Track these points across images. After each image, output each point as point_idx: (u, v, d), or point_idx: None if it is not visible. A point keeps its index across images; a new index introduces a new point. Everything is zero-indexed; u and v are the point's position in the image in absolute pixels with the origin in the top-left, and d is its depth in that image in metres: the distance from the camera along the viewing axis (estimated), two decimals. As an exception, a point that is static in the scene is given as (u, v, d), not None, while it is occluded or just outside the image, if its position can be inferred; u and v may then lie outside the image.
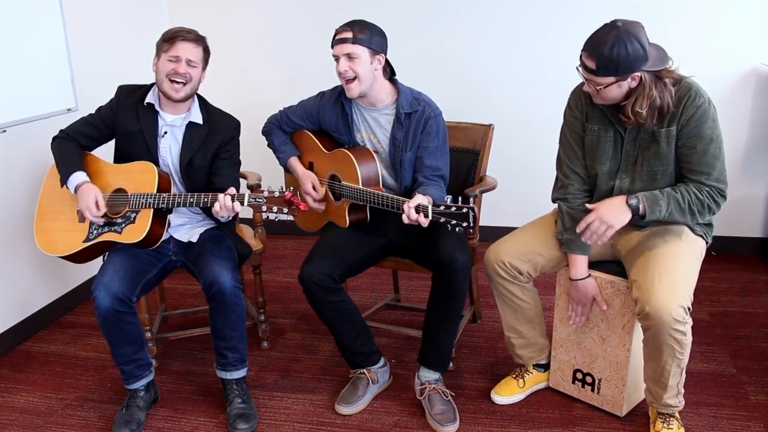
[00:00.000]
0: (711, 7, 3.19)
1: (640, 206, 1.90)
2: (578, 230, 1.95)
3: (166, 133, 2.25)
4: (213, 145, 2.27)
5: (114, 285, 2.05)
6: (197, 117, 2.27)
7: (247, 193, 2.06)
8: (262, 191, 2.05)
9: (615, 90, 1.85)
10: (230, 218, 2.18)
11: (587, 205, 1.99)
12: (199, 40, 2.19)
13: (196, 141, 2.25)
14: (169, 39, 2.15)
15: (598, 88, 1.85)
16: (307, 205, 2.24)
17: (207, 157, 2.27)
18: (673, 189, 1.93)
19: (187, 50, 2.15)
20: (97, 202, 2.13)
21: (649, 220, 1.92)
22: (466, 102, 3.45)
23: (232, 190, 2.06)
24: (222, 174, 2.27)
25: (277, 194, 2.03)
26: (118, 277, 2.08)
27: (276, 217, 2.05)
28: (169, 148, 2.26)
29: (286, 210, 2.04)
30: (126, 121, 2.24)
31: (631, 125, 1.93)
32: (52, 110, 2.79)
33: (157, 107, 2.24)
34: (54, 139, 2.28)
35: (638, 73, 1.82)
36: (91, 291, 2.07)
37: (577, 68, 1.91)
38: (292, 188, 2.12)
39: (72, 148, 2.24)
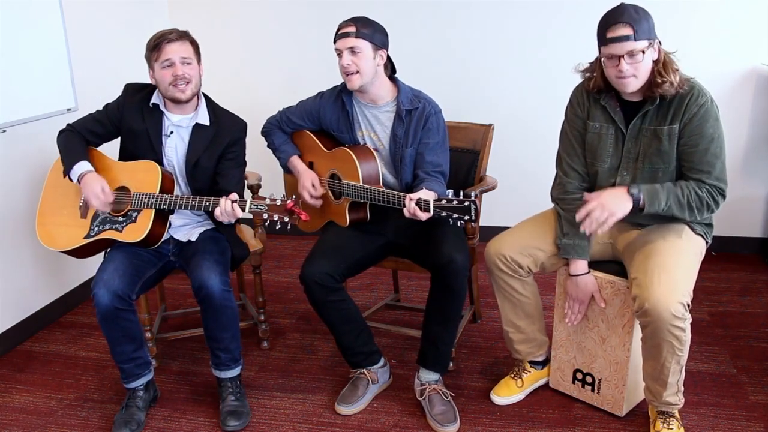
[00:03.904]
0: (711, 7, 3.19)
1: (641, 196, 1.88)
2: (578, 218, 1.91)
3: (172, 132, 2.25)
4: (219, 146, 2.27)
5: (114, 282, 2.05)
6: (204, 118, 2.26)
7: (249, 199, 2.06)
8: (264, 198, 2.05)
9: (648, 59, 1.85)
10: (231, 222, 2.18)
11: (585, 195, 1.95)
12: (183, 36, 2.17)
13: (203, 142, 2.25)
14: (155, 47, 2.13)
15: (641, 50, 1.82)
16: (308, 216, 2.23)
17: (213, 158, 2.27)
18: (674, 184, 1.93)
19: (175, 50, 2.13)
20: (103, 189, 2.12)
21: (648, 214, 1.90)
22: (466, 102, 3.45)
23: (234, 195, 2.06)
24: (227, 175, 2.27)
25: (279, 202, 2.03)
26: (118, 274, 2.08)
27: (277, 225, 2.05)
28: (175, 148, 2.26)
29: (287, 219, 2.04)
30: (132, 119, 2.24)
31: (663, 91, 1.88)
32: (52, 110, 2.79)
33: (162, 108, 2.24)
34: (60, 132, 2.28)
35: (657, 41, 1.87)
36: (91, 288, 2.07)
37: (602, 60, 1.91)
38: (294, 197, 2.11)
39: (77, 140, 2.24)
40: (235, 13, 3.72)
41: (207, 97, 2.31)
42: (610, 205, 1.86)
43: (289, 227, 2.08)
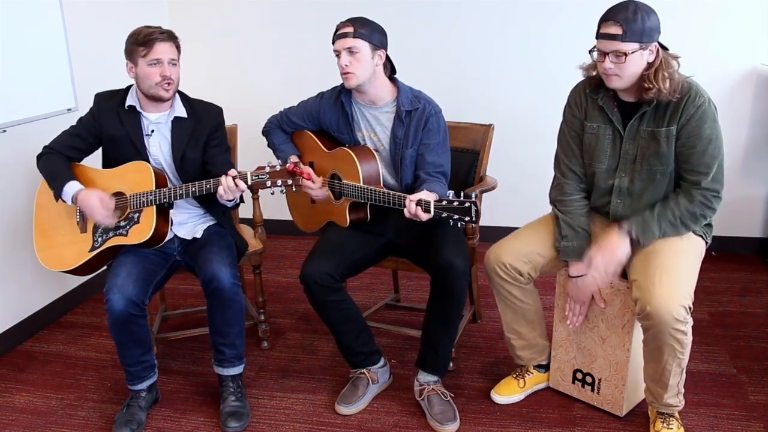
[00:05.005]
0: (711, 7, 3.19)
1: (633, 232, 1.94)
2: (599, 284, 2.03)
3: (153, 131, 2.25)
4: (202, 135, 2.28)
5: (128, 288, 2.04)
6: (181, 111, 2.27)
7: (248, 171, 2.07)
8: (263, 167, 2.06)
9: (637, 61, 1.84)
10: (236, 202, 2.18)
11: (587, 254, 2.02)
12: (171, 37, 2.17)
13: (185, 135, 2.26)
14: (145, 42, 2.11)
15: (624, 52, 1.82)
16: (310, 175, 2.24)
17: (199, 148, 2.28)
18: (663, 206, 1.95)
19: (165, 50, 2.13)
20: (101, 200, 2.12)
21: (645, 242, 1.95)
22: (466, 102, 3.44)
23: (233, 171, 2.06)
24: (216, 162, 2.28)
25: (278, 168, 2.04)
26: (132, 280, 2.07)
27: (282, 190, 2.05)
28: (159, 146, 2.26)
29: (290, 181, 2.05)
30: (110, 126, 2.23)
31: (651, 97, 1.88)
32: (52, 110, 2.79)
33: (138, 108, 2.23)
34: (39, 156, 2.26)
35: (656, 44, 1.85)
36: (104, 293, 2.05)
37: (590, 52, 1.92)
38: (292, 159, 2.12)
39: (59, 161, 2.22)
40: (235, 12, 3.72)
41: (179, 91, 2.31)
42: (609, 255, 1.96)
43: (294, 189, 2.10)
